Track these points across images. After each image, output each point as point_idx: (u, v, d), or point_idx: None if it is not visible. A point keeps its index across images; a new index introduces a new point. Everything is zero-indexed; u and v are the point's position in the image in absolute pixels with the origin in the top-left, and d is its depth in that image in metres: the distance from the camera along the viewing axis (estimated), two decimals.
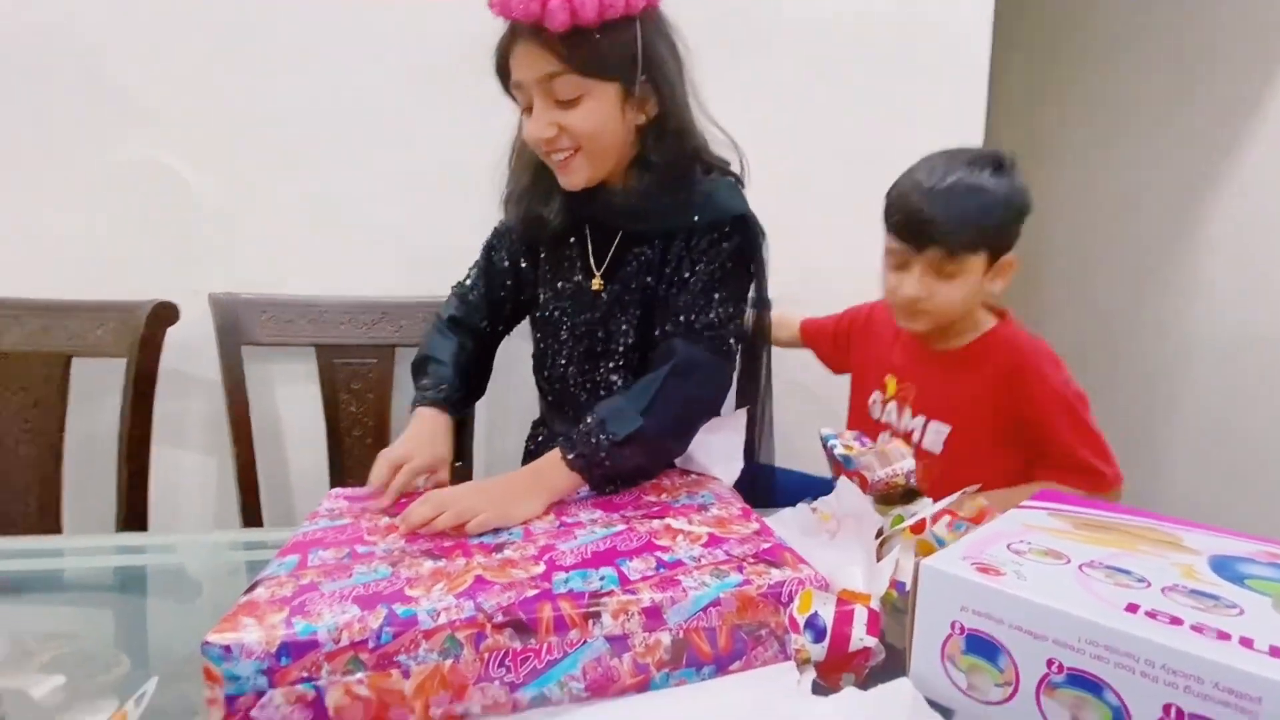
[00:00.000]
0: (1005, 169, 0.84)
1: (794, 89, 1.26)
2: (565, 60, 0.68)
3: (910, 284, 0.85)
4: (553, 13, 0.64)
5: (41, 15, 1.07)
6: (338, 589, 0.50)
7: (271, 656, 0.43)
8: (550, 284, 0.85)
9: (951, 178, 0.82)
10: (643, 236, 0.79)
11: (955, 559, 0.45)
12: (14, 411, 1.03)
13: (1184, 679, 0.34)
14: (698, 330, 0.75)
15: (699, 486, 0.73)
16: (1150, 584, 0.42)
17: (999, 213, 0.82)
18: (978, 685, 0.42)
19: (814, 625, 0.49)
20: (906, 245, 0.85)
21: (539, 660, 0.46)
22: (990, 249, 0.84)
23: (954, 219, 0.81)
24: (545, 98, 0.71)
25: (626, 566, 0.53)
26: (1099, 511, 0.55)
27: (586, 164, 0.74)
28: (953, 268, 0.83)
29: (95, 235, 1.13)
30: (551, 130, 0.71)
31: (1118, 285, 1.80)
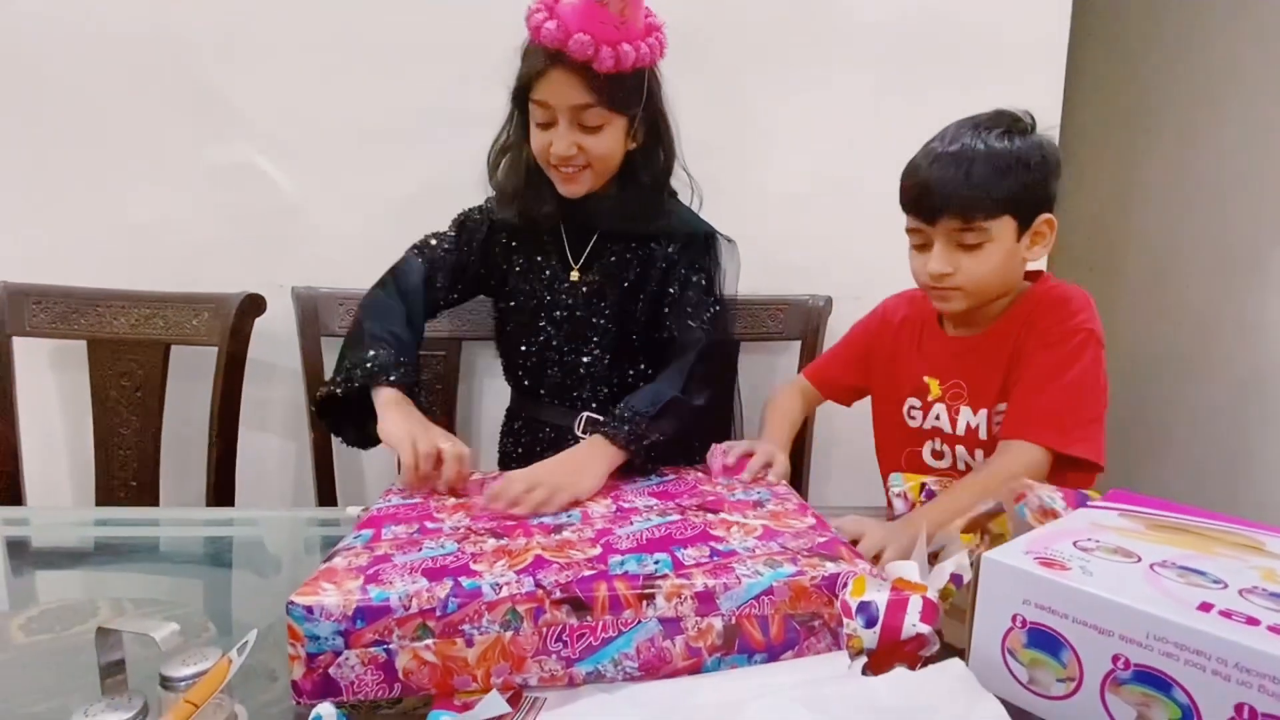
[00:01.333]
0: (1020, 129, 0.79)
1: (860, 91, 1.25)
2: (599, 95, 0.80)
3: (935, 261, 0.80)
4: (603, 58, 0.78)
5: (148, 27, 1.16)
6: (408, 561, 0.53)
7: (348, 619, 0.46)
8: (525, 274, 0.94)
9: (957, 144, 0.78)
10: (618, 236, 0.92)
11: (1018, 552, 0.45)
12: (120, 394, 1.12)
13: (1259, 678, 0.33)
14: (710, 320, 0.89)
15: (754, 483, 0.75)
16: (1227, 585, 0.40)
17: (1015, 173, 0.76)
18: (1039, 680, 0.42)
19: (866, 611, 0.49)
20: (921, 220, 0.80)
21: (594, 637, 0.48)
22: (1015, 213, 0.78)
23: (961, 184, 0.76)
24: (572, 122, 0.83)
25: (681, 553, 0.54)
26: (1175, 514, 0.53)
27: (591, 178, 0.87)
28: (974, 238, 0.78)
29: (193, 231, 1.21)
30: (573, 150, 0.84)
31: (1209, 284, 1.70)
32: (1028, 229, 0.79)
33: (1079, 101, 1.79)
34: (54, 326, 1.12)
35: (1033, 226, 0.79)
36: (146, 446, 1.12)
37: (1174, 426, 1.77)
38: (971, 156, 0.76)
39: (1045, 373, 0.78)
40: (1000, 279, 0.81)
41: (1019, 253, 0.80)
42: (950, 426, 0.88)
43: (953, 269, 0.79)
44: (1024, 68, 1.26)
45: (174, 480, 1.15)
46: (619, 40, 0.78)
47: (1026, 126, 0.80)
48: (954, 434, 0.87)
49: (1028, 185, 0.77)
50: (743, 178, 1.26)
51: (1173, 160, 1.80)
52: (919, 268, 0.83)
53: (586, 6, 0.77)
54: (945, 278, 0.80)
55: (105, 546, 0.84)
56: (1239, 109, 1.61)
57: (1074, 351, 0.78)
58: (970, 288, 0.80)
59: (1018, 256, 0.80)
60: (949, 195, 0.77)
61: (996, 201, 0.76)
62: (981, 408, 0.85)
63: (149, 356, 1.12)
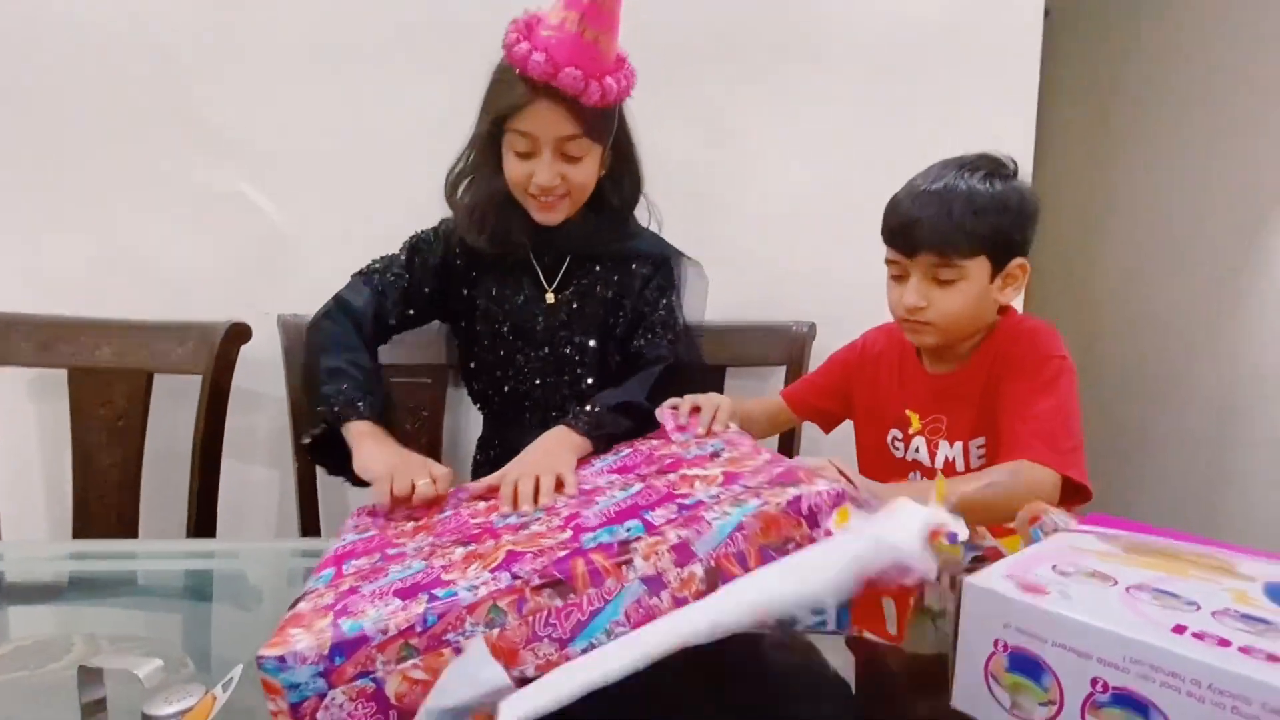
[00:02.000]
0: (1003, 173, 0.82)
1: (843, 117, 1.29)
2: (585, 127, 0.83)
3: (909, 293, 0.83)
4: (591, 92, 0.80)
5: (134, 54, 1.17)
6: (377, 588, 0.51)
7: (325, 658, 0.44)
8: (497, 299, 0.95)
9: (940, 182, 0.81)
10: (589, 259, 0.95)
11: (999, 577, 0.46)
12: (100, 424, 1.11)
13: (1231, 699, 0.34)
14: (674, 340, 0.93)
15: (708, 437, 0.75)
16: (1200, 607, 0.41)
17: (992, 215, 0.80)
18: (1022, 704, 0.43)
19: None
20: (900, 253, 0.84)
21: (581, 613, 0.47)
22: (990, 254, 0.81)
23: (941, 221, 0.79)
24: (556, 152, 0.84)
25: (650, 516, 0.54)
26: (1151, 537, 0.54)
27: (569, 206, 0.89)
28: (949, 274, 0.81)
29: (179, 259, 1.21)
30: (557, 180, 0.85)
31: (1181, 309, 1.74)
32: (1001, 270, 0.82)
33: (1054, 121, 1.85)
34: (35, 355, 1.11)
35: (1006, 269, 0.83)
36: (127, 477, 1.11)
37: (1152, 447, 1.80)
38: (953, 196, 0.80)
39: (1027, 399, 0.80)
40: (971, 316, 0.84)
41: (991, 293, 0.83)
42: (930, 459, 0.89)
43: (926, 303, 0.82)
44: (1000, 90, 1.31)
45: (154, 512, 1.13)
46: (604, 74, 0.81)
47: (1009, 171, 0.83)
48: (933, 466, 0.89)
49: (1004, 228, 0.81)
50: (726, 203, 1.28)
51: (1144, 183, 1.85)
52: (895, 299, 0.86)
53: (574, 42, 0.78)
54: (919, 311, 0.83)
55: (81, 581, 0.83)
56: (1209, 132, 1.67)
57: (1051, 379, 0.80)
58: (941, 323, 0.83)
59: (990, 297, 0.83)
60: (928, 231, 0.80)
61: (973, 241, 0.80)
62: (958, 440, 0.87)
63: (131, 386, 1.11)
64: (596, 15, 0.78)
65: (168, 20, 1.17)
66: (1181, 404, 1.73)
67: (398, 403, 1.16)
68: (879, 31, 1.28)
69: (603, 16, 0.79)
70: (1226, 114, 1.62)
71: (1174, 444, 1.75)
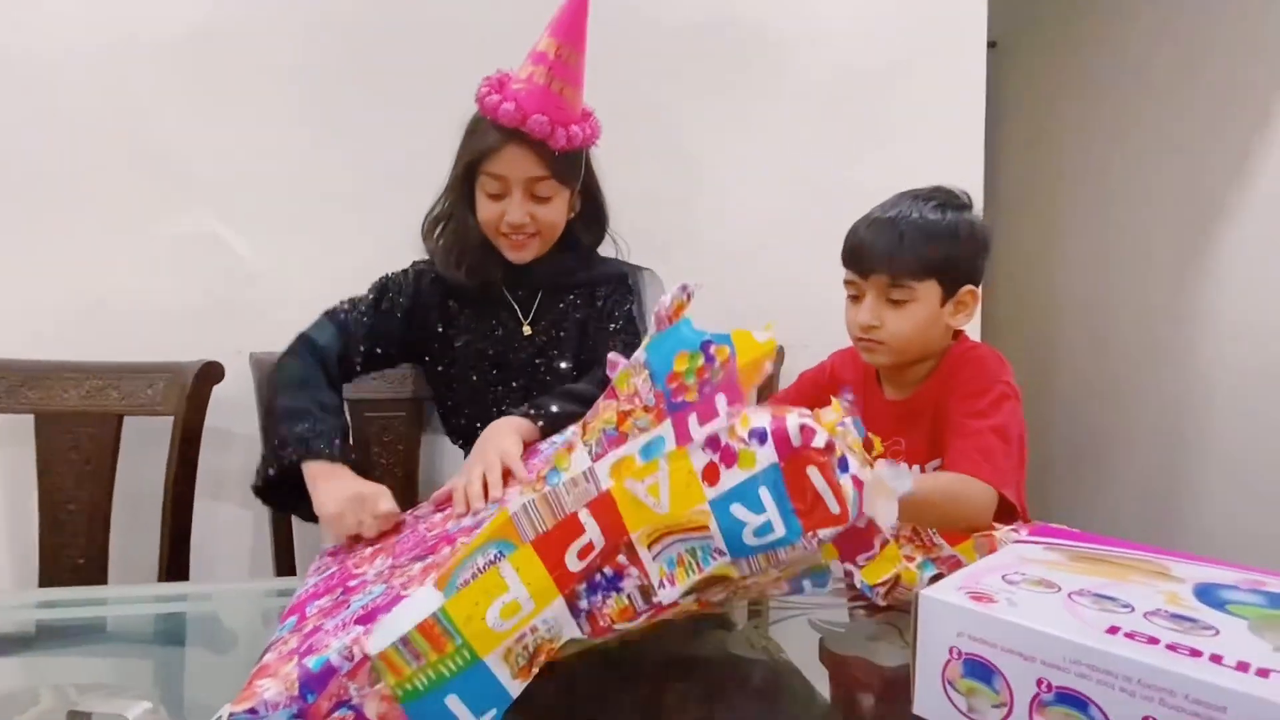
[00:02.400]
0: (955, 204, 0.87)
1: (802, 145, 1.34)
2: (553, 170, 0.90)
3: (863, 312, 0.88)
4: (558, 138, 0.88)
5: (103, 95, 1.18)
6: (339, 620, 0.52)
7: (297, 699, 0.44)
8: (474, 333, 1.00)
9: (895, 210, 0.87)
10: (561, 290, 1.00)
11: (952, 589, 0.48)
12: (68, 468, 1.09)
13: (1159, 693, 0.37)
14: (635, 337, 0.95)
15: None
16: (1134, 609, 0.44)
17: (944, 241, 0.85)
18: (977, 707, 0.45)
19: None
20: (856, 273, 0.89)
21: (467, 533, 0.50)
22: (940, 279, 0.86)
23: (893, 244, 0.85)
24: (526, 193, 0.91)
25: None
26: (1095, 545, 0.57)
27: (539, 245, 0.95)
28: (901, 294, 0.86)
29: (149, 300, 1.21)
30: (527, 219, 0.92)
31: (1131, 322, 1.82)
32: (952, 296, 0.87)
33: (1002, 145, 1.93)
34: (0, 402, 1.10)
35: (957, 295, 0.87)
36: (95, 521, 1.09)
37: (1106, 458, 1.87)
38: (905, 223, 0.85)
39: (969, 417, 0.83)
40: (922, 338, 0.88)
41: (942, 318, 0.88)
42: None
43: (879, 322, 0.87)
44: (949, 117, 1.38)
45: (125, 556, 1.12)
46: (569, 122, 0.89)
47: (962, 204, 0.89)
48: None
49: (954, 256, 0.86)
50: (690, 230, 1.33)
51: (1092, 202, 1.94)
52: (851, 319, 0.91)
53: (542, 92, 0.87)
54: (872, 330, 0.88)
55: (48, 630, 0.81)
56: (1151, 151, 1.76)
57: (994, 402, 0.84)
58: (893, 343, 0.87)
59: (941, 322, 0.88)
60: (881, 253, 0.85)
61: (923, 265, 0.85)
62: (915, 464, 0.91)
63: (101, 429, 1.10)
64: (562, 69, 0.87)
65: (134, 63, 1.18)
66: (1135, 415, 1.80)
67: (372, 437, 1.18)
68: (834, 64, 1.34)
69: (568, 70, 0.87)
70: (1167, 133, 1.71)
71: (1127, 454, 1.81)
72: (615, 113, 1.25)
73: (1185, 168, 1.67)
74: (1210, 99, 1.61)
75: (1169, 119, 1.71)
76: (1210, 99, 1.61)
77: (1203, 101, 1.62)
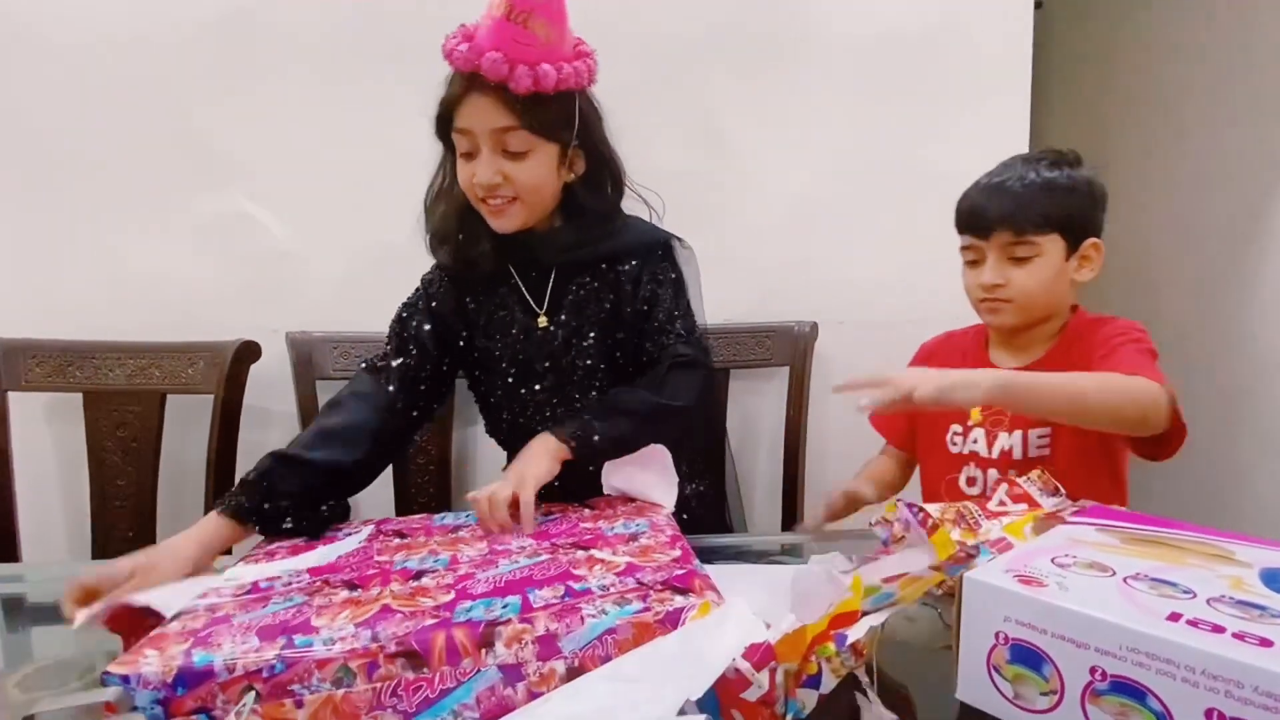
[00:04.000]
0: (1068, 162, 0.87)
1: (838, 117, 1.30)
2: (521, 119, 0.76)
3: (987, 272, 0.86)
4: (519, 78, 0.73)
5: (139, 78, 1.19)
6: (247, 620, 0.51)
7: (168, 687, 0.44)
8: (491, 333, 0.87)
9: (1009, 171, 0.86)
10: (577, 270, 0.86)
11: (998, 571, 0.47)
12: (116, 445, 1.13)
13: (1224, 684, 0.35)
14: (685, 336, 0.85)
15: (639, 515, 0.73)
16: (1196, 595, 0.42)
17: (1063, 194, 0.84)
18: (1024, 695, 0.43)
19: None
20: (975, 236, 0.87)
21: (431, 690, 0.46)
22: (1063, 231, 0.85)
23: (1013, 201, 0.84)
24: (495, 148, 0.77)
25: (533, 595, 0.53)
26: (1150, 527, 0.55)
27: (522, 212, 0.81)
28: (1025, 250, 0.84)
29: (187, 280, 1.23)
30: (498, 178, 0.78)
31: (1184, 299, 1.74)
32: (1076, 250, 0.86)
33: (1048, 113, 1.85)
34: (50, 380, 1.13)
35: (1080, 249, 0.86)
36: (143, 497, 1.13)
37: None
38: (1023, 179, 0.85)
39: (1121, 344, 0.83)
40: (1048, 295, 0.86)
41: (1067, 272, 0.86)
42: (987, 449, 0.90)
43: (1004, 280, 0.85)
44: (992, 85, 1.31)
45: (171, 529, 1.13)
46: (538, 60, 0.74)
47: (1075, 160, 0.88)
48: (989, 457, 0.90)
49: (1074, 208, 0.85)
50: (724, 206, 1.29)
51: (1142, 172, 1.85)
52: (971, 282, 0.89)
53: (499, 26, 0.73)
54: (997, 289, 0.86)
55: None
56: (1205, 117, 1.67)
57: (1138, 342, 0.85)
58: (1020, 299, 0.86)
59: (1066, 276, 0.86)
60: (1001, 210, 0.84)
61: (1045, 218, 0.84)
62: (1017, 429, 0.88)
63: (145, 407, 1.13)
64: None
65: (170, 46, 1.19)
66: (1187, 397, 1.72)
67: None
68: (871, 32, 1.29)
69: (527, 2, 0.72)
70: (1223, 100, 1.62)
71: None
72: (646, 88, 1.24)
73: (1241, 138, 1.58)
74: (1271, 64, 1.51)
75: (1225, 85, 1.61)
76: (1271, 64, 1.51)
77: (1262, 67, 1.52)
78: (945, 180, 0.91)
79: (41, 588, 0.88)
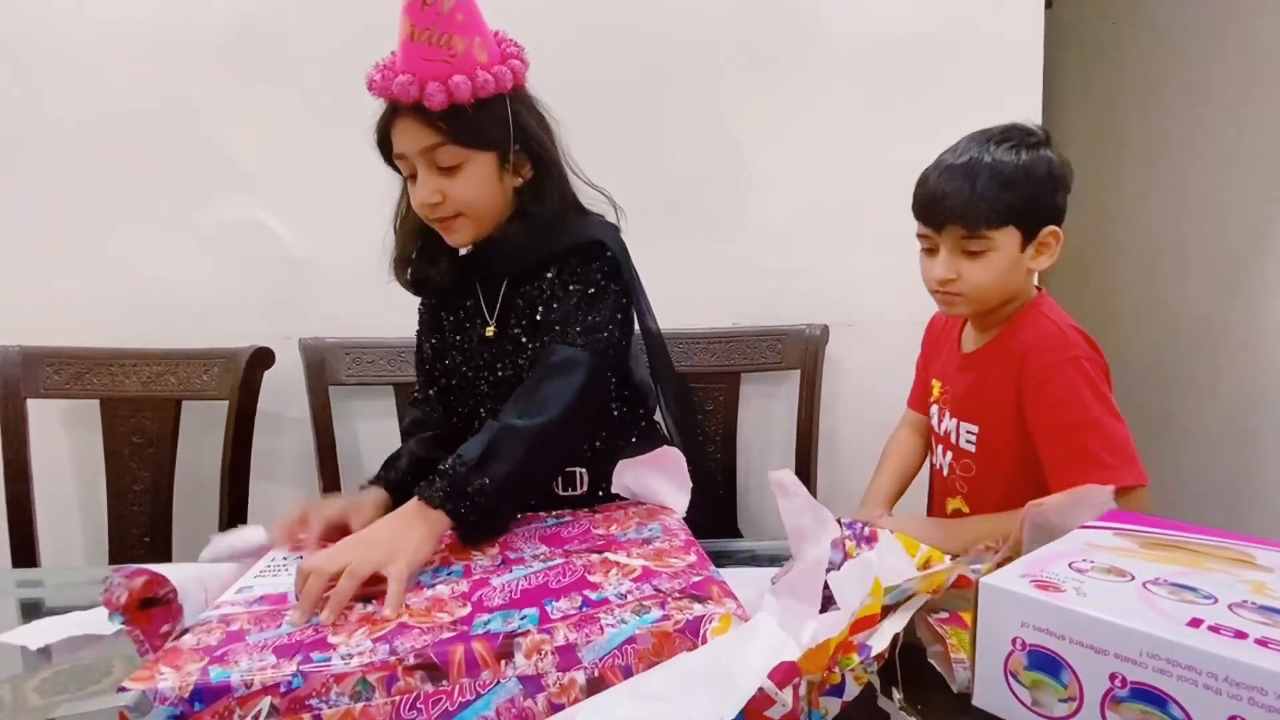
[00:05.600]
0: (1030, 142, 0.81)
1: (846, 118, 1.29)
2: (445, 134, 0.75)
3: (938, 266, 0.83)
4: (431, 95, 0.73)
5: (152, 87, 1.21)
6: (262, 639, 0.50)
7: (185, 702, 0.44)
8: (457, 345, 0.87)
9: (966, 155, 0.81)
10: (526, 277, 0.83)
11: (1014, 576, 0.46)
12: (132, 451, 1.14)
13: (1248, 691, 0.34)
14: (584, 332, 0.77)
15: (651, 518, 0.72)
16: (1217, 600, 0.42)
17: (1020, 186, 0.79)
18: (1042, 701, 0.43)
19: None
20: (928, 227, 0.84)
21: (451, 702, 0.46)
22: (1020, 224, 0.80)
23: (966, 194, 0.79)
24: (429, 167, 0.78)
25: (550, 606, 0.53)
26: (1168, 531, 0.54)
27: (470, 225, 0.81)
28: (978, 245, 0.80)
29: (201, 287, 1.25)
30: (437, 196, 0.78)
31: (1199, 295, 1.72)
32: (1033, 240, 0.82)
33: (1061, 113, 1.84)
34: (68, 387, 1.15)
35: (1038, 238, 0.82)
36: (159, 502, 1.14)
37: (1174, 441, 1.78)
38: (978, 169, 0.80)
39: (1054, 431, 0.80)
40: (1002, 287, 0.84)
41: (1023, 263, 0.83)
42: (939, 429, 0.93)
43: (956, 275, 0.82)
44: (1004, 85, 1.30)
45: (186, 534, 1.16)
46: (448, 74, 0.73)
47: (1038, 140, 0.82)
48: (943, 434, 0.92)
49: (1032, 198, 0.80)
50: (732, 209, 1.29)
51: (1155, 171, 1.83)
52: (926, 272, 0.86)
53: (407, 48, 0.74)
54: (949, 283, 0.83)
55: None
56: (1219, 115, 1.65)
57: (1066, 391, 0.79)
58: (972, 294, 0.83)
59: (1022, 266, 0.83)
60: (954, 205, 0.80)
61: (1000, 212, 0.79)
62: (955, 415, 0.89)
63: (161, 413, 1.14)
64: (429, 14, 0.72)
65: (180, 56, 1.21)
66: (1202, 396, 1.70)
67: None
68: (880, 31, 1.28)
69: (428, 13, 0.72)
70: (1234, 94, 1.60)
71: (1195, 437, 1.72)
72: (657, 92, 1.24)
73: (1253, 134, 1.56)
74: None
75: (1235, 81, 1.59)
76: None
77: (1274, 62, 1.51)
78: None
79: (59, 592, 0.89)
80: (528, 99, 0.82)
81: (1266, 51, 1.52)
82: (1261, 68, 1.54)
